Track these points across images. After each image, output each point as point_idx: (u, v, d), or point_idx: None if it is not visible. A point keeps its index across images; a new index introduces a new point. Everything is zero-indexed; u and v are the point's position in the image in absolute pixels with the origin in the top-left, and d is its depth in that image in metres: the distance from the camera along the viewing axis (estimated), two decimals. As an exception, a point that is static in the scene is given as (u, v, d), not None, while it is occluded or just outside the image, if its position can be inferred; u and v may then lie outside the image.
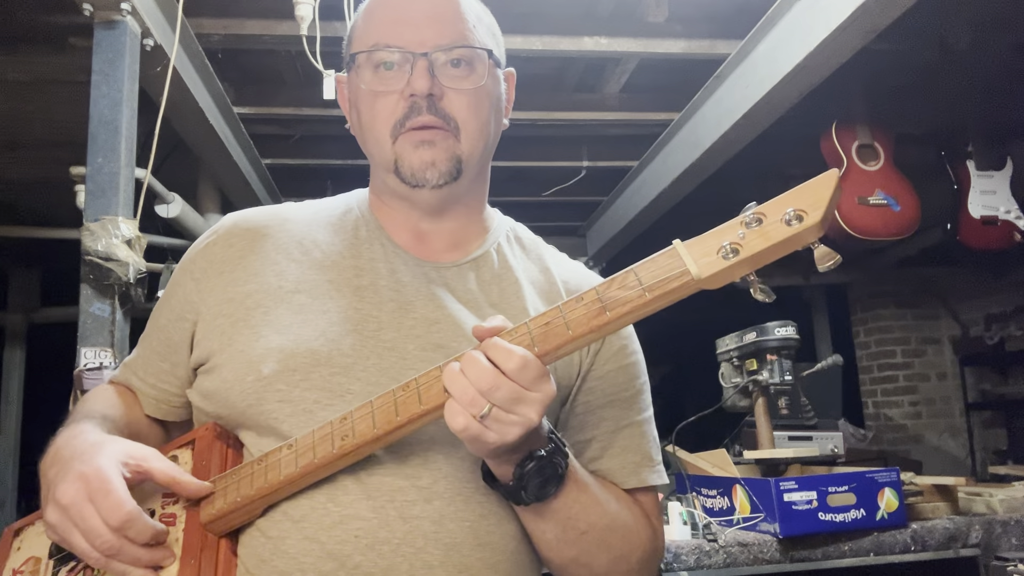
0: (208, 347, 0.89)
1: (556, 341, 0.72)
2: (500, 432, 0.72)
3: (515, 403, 0.71)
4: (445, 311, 0.89)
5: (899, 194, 2.77)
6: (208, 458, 0.84)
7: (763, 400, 2.28)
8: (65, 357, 1.75)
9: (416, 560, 0.80)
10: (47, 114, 2.69)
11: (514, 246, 1.01)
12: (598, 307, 0.72)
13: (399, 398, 0.76)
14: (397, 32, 0.90)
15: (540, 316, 0.74)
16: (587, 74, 3.01)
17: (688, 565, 1.81)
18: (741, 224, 0.70)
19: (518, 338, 0.73)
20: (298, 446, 0.79)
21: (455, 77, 0.90)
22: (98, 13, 1.78)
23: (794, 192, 0.69)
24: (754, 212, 0.70)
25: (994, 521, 1.97)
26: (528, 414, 0.72)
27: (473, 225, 0.99)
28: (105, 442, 0.80)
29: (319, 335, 0.85)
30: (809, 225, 0.67)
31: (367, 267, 0.92)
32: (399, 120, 0.89)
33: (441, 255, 0.95)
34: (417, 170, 0.89)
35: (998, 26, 2.55)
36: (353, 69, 0.93)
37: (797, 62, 2.08)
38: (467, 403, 0.71)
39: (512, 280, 0.96)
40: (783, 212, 0.68)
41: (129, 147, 1.81)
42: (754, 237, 0.68)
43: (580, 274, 1.02)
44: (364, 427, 0.76)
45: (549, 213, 4.18)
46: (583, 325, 0.72)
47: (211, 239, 0.97)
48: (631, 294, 0.71)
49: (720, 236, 0.70)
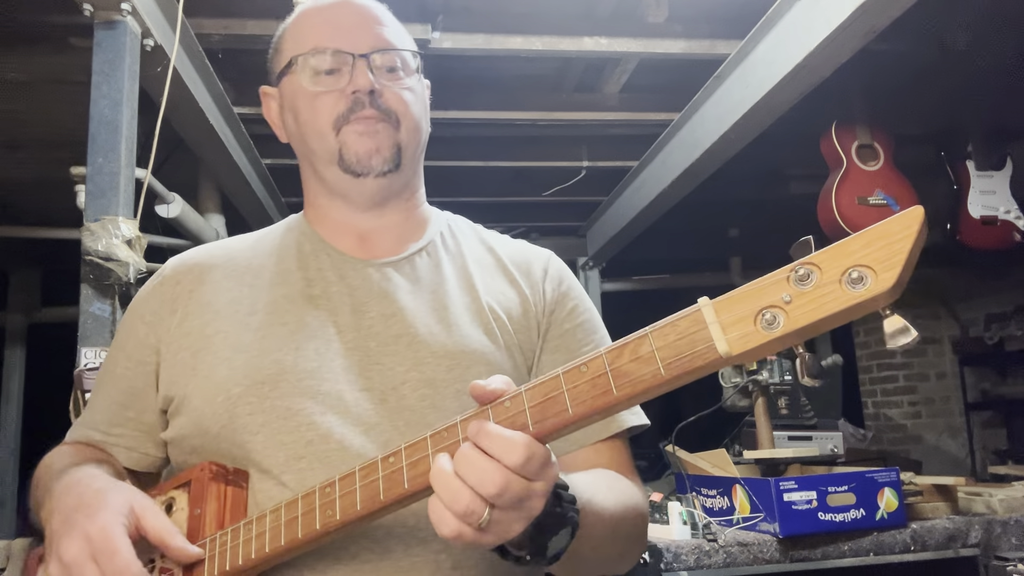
0: (173, 383, 0.89)
1: (555, 422, 0.62)
2: (499, 533, 0.63)
3: (521, 501, 0.62)
4: (398, 303, 0.91)
5: (899, 194, 2.77)
6: (203, 504, 0.81)
7: (763, 400, 2.28)
8: (65, 357, 1.75)
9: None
10: (47, 114, 2.68)
11: (456, 233, 1.04)
12: (604, 385, 0.60)
13: (384, 474, 0.68)
14: (334, 37, 0.95)
15: (538, 386, 0.63)
16: (587, 74, 3.01)
17: (688, 565, 1.81)
18: (787, 280, 0.55)
19: (513, 414, 0.63)
20: (286, 511, 0.74)
21: (390, 78, 0.96)
22: (98, 13, 1.78)
23: (860, 239, 0.54)
24: (806, 263, 0.55)
25: (994, 521, 1.97)
26: (534, 508, 0.63)
27: (412, 220, 1.02)
28: (109, 490, 0.78)
29: (281, 345, 0.87)
30: (879, 291, 0.52)
31: (316, 277, 0.94)
32: (342, 114, 0.93)
33: (386, 251, 0.97)
34: (363, 156, 0.92)
35: (998, 26, 2.54)
36: (288, 74, 0.97)
37: (797, 62, 2.08)
38: (462, 513, 0.61)
39: (461, 262, 0.98)
40: (844, 268, 0.53)
41: (129, 147, 1.81)
42: (803, 302, 0.54)
43: (525, 251, 1.04)
44: (347, 504, 0.69)
45: (549, 213, 4.18)
46: (586, 405, 0.61)
47: (157, 281, 0.98)
48: (645, 372, 0.59)
49: (760, 297, 0.56)
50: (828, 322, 0.54)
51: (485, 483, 0.60)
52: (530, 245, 1.06)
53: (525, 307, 0.96)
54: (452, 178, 3.66)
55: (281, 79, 0.99)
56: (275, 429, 0.82)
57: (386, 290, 0.92)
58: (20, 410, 4.18)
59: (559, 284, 1.01)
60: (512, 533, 0.63)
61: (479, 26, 2.48)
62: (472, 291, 0.95)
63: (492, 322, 0.93)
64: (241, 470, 0.85)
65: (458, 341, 0.89)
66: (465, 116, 3.00)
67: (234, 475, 0.84)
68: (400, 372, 0.87)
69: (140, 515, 0.77)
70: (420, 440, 0.67)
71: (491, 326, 0.92)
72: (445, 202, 1.09)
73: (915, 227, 0.52)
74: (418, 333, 0.89)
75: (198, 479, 0.82)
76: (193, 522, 0.81)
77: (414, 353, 0.88)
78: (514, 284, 0.98)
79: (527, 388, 0.64)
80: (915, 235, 0.53)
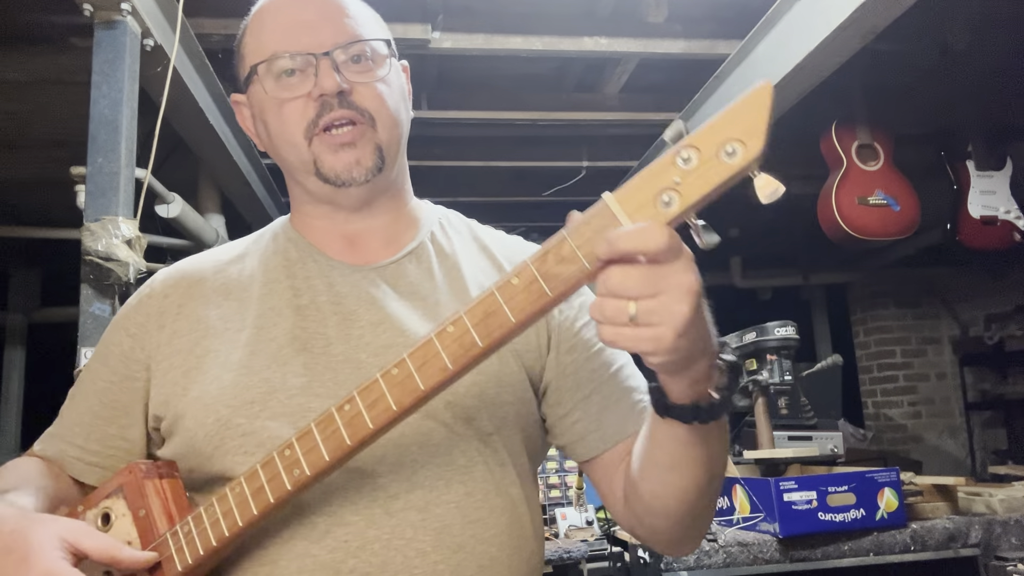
0: (165, 403, 0.87)
1: (500, 333, 0.66)
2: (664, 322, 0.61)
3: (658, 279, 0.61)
4: (386, 311, 0.88)
5: (899, 194, 2.77)
6: (145, 504, 0.79)
7: (763, 400, 2.28)
8: (65, 357, 1.75)
9: (409, 550, 0.79)
10: (47, 114, 2.68)
11: (449, 232, 0.99)
12: (538, 289, 0.65)
13: (344, 421, 0.71)
14: (293, 37, 0.88)
15: (476, 305, 0.67)
16: (587, 74, 3.01)
17: (688, 565, 1.81)
18: (673, 164, 0.61)
19: (458, 334, 0.67)
20: (248, 483, 0.75)
21: (359, 72, 0.89)
22: (98, 13, 1.78)
23: (725, 117, 0.61)
24: (686, 146, 0.61)
25: (994, 521, 1.97)
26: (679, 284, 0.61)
27: (402, 218, 0.97)
28: (26, 530, 0.74)
29: (270, 363, 0.85)
30: (751, 157, 0.60)
31: (303, 286, 0.91)
32: (311, 121, 0.87)
33: (376, 255, 0.93)
34: (342, 171, 0.87)
35: (998, 26, 2.55)
36: (252, 83, 0.91)
37: (797, 62, 2.08)
38: (610, 316, 0.62)
39: (453, 265, 0.95)
40: (720, 144, 0.60)
41: (129, 147, 1.81)
42: (693, 179, 0.61)
43: (520, 249, 1.01)
44: (315, 458, 0.72)
45: (549, 213, 4.18)
46: (526, 311, 0.65)
47: (145, 293, 0.95)
48: (573, 270, 0.64)
49: (654, 181, 0.62)
50: (714, 192, 0.61)
51: (608, 281, 0.62)
52: (524, 242, 1.03)
53: None
54: (452, 178, 3.66)
55: (247, 86, 0.93)
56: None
57: (375, 298, 0.89)
58: (20, 410, 4.18)
59: None
60: (678, 316, 0.61)
61: (479, 26, 2.48)
62: (465, 295, 0.91)
63: None
64: (169, 461, 0.84)
65: None
66: (465, 116, 3.00)
67: (165, 467, 0.83)
68: None
69: (74, 542, 0.74)
70: (372, 382, 0.71)
71: None
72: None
73: (768, 98, 0.60)
74: (408, 342, 0.84)
75: (130, 482, 0.80)
76: (141, 523, 0.79)
77: None
78: None
79: (466, 310, 0.68)
80: (769, 105, 0.60)
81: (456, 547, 0.81)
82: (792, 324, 2.26)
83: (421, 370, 0.69)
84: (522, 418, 0.90)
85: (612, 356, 0.93)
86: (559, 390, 0.91)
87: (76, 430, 0.92)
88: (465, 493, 0.83)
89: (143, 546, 0.79)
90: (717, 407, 0.70)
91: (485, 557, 0.83)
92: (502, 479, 0.87)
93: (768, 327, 2.24)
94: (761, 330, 2.26)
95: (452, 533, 0.82)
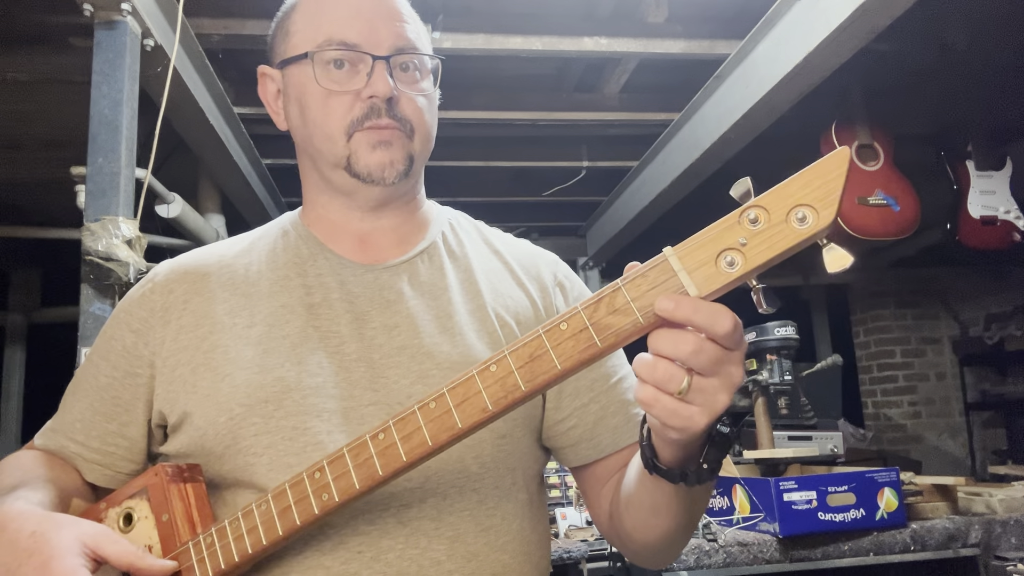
0: (171, 400, 0.86)
1: (545, 379, 0.65)
2: (706, 404, 0.62)
3: (719, 365, 0.61)
4: (401, 314, 0.88)
5: (899, 194, 2.77)
6: (169, 508, 0.78)
7: (763, 400, 2.28)
8: (65, 357, 1.75)
9: (423, 560, 0.79)
10: (47, 114, 2.68)
11: (459, 233, 1.00)
12: (587, 337, 0.63)
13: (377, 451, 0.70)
14: (353, 29, 0.87)
15: (522, 346, 0.65)
16: (587, 74, 3.01)
17: (688, 565, 1.81)
18: (739, 223, 0.60)
19: (501, 375, 0.65)
20: (275, 502, 0.74)
21: (408, 81, 0.90)
22: (98, 13, 1.78)
23: (798, 180, 0.59)
24: (753, 207, 0.60)
25: (994, 521, 1.97)
26: (734, 375, 0.63)
27: (413, 219, 0.97)
28: (48, 532, 0.73)
29: (283, 361, 0.83)
30: (821, 226, 0.58)
31: (316, 284, 0.90)
32: (356, 119, 0.87)
33: (387, 254, 0.93)
34: (375, 170, 0.87)
35: (997, 26, 2.55)
36: (296, 63, 0.90)
37: (797, 62, 2.08)
38: (661, 380, 0.61)
39: (464, 265, 0.94)
40: (790, 208, 0.58)
41: (129, 147, 1.81)
42: (758, 243, 0.59)
43: (532, 254, 1.01)
44: (345, 485, 0.71)
45: (549, 213, 4.18)
46: (573, 359, 0.64)
47: (147, 287, 0.92)
48: (626, 323, 0.62)
49: (717, 241, 0.60)
50: (780, 258, 0.60)
51: (679, 346, 0.60)
52: (534, 246, 1.03)
53: (536, 312, 0.93)
54: (452, 178, 3.66)
55: (287, 65, 0.91)
56: (281, 451, 0.80)
57: (388, 298, 0.89)
58: (20, 410, 4.18)
59: (570, 290, 0.98)
60: (718, 404, 0.62)
61: (479, 26, 2.48)
62: (477, 297, 0.91)
63: (498, 329, 0.89)
64: (193, 464, 0.83)
65: (463, 352, 0.86)
66: (465, 116, 3.00)
67: (189, 471, 0.82)
68: (405, 385, 0.84)
69: (95, 547, 0.73)
70: (409, 414, 0.69)
71: (497, 334, 0.89)
72: (446, 202, 1.08)
73: (845, 166, 0.59)
74: (422, 344, 0.85)
75: (155, 485, 0.79)
76: (164, 529, 0.78)
77: (418, 365, 0.85)
78: (522, 287, 0.95)
79: (510, 351, 0.66)
80: (846, 174, 0.59)
81: (470, 556, 0.81)
82: (792, 324, 2.26)
83: (460, 408, 0.67)
84: (530, 420, 0.90)
85: (614, 367, 0.93)
86: (558, 395, 0.92)
87: (77, 426, 0.91)
88: (478, 500, 0.83)
89: (163, 552, 0.79)
90: (704, 476, 0.70)
91: (498, 564, 0.83)
92: (513, 484, 0.87)
93: (768, 327, 2.24)
94: (761, 330, 2.26)
95: (466, 541, 0.81)
